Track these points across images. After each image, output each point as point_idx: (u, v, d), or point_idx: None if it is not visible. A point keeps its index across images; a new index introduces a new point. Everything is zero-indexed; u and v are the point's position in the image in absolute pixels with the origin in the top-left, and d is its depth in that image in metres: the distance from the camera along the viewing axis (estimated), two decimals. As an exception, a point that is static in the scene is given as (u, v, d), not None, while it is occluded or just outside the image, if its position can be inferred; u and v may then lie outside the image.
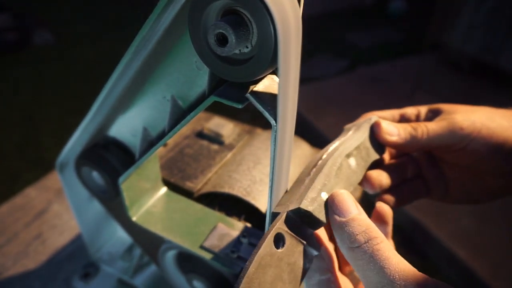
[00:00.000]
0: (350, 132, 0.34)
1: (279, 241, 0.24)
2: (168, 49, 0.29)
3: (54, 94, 2.18)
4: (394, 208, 0.35)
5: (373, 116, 0.36)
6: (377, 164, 0.36)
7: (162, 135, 0.34)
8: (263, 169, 0.45)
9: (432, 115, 0.37)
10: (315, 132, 1.84)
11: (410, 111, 0.38)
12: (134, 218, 0.41)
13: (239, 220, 0.40)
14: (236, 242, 0.37)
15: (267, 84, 0.27)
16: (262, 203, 0.41)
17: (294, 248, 0.25)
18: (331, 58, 2.59)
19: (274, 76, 0.27)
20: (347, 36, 2.90)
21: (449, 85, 2.15)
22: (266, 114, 0.25)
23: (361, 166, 0.33)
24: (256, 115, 0.33)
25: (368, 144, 0.34)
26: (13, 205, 0.66)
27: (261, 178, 0.43)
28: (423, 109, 0.38)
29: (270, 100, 0.25)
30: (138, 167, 0.37)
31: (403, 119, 0.38)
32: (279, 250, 0.24)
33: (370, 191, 0.35)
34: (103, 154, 0.39)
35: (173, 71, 0.30)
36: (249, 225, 0.39)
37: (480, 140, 0.33)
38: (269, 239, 0.24)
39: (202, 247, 0.37)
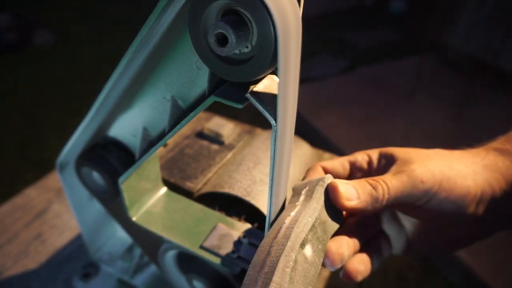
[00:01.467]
0: (300, 201, 0.29)
1: None
2: (168, 49, 0.29)
3: (54, 94, 2.18)
4: (359, 282, 0.33)
5: (326, 175, 0.31)
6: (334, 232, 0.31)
7: (162, 135, 0.34)
8: (263, 169, 0.45)
9: (386, 163, 0.33)
10: (315, 132, 1.84)
11: (361, 157, 0.35)
12: (134, 218, 0.41)
13: (239, 220, 0.40)
14: (236, 242, 0.37)
15: (267, 84, 0.27)
16: (262, 203, 0.41)
17: None
18: (331, 58, 2.59)
19: (274, 76, 0.27)
20: (347, 36, 2.90)
21: (449, 85, 2.15)
22: (266, 114, 0.25)
23: (319, 252, 0.28)
24: (256, 115, 0.32)
25: (324, 216, 0.29)
26: (13, 205, 0.66)
27: (261, 178, 0.43)
28: (373, 155, 0.35)
29: (270, 100, 0.25)
30: (138, 167, 0.37)
31: (354, 168, 0.36)
32: None
33: (331, 269, 0.31)
34: (103, 154, 0.39)
35: (173, 71, 0.30)
36: (249, 225, 0.39)
37: (442, 193, 0.30)
38: None
39: (202, 247, 0.37)
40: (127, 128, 0.37)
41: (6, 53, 2.50)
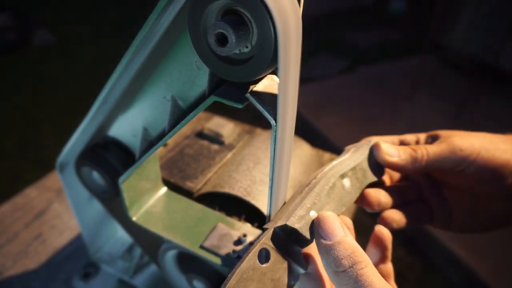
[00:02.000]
0: (349, 153, 0.34)
1: (263, 256, 0.24)
2: (168, 49, 0.29)
3: (54, 94, 2.18)
4: (395, 230, 0.35)
5: (373, 138, 0.36)
6: (375, 186, 0.36)
7: (162, 135, 0.34)
8: (263, 169, 0.45)
9: (432, 140, 0.36)
10: (315, 132, 1.84)
11: (410, 137, 0.38)
12: (134, 218, 0.41)
13: (239, 220, 0.40)
14: (236, 242, 0.37)
15: (267, 84, 0.27)
16: (262, 203, 0.41)
17: (279, 265, 0.25)
18: (331, 58, 2.59)
19: (274, 76, 0.27)
20: (347, 36, 2.90)
21: (449, 85, 2.15)
22: (266, 114, 0.25)
23: (356, 187, 0.32)
24: (256, 115, 0.33)
25: (365, 165, 0.34)
26: (13, 205, 0.66)
27: (261, 178, 0.43)
28: (422, 136, 0.38)
29: (270, 100, 0.25)
30: (138, 167, 0.37)
31: (402, 145, 0.38)
32: (263, 265, 0.24)
33: (368, 209, 0.35)
34: (103, 154, 0.39)
35: (173, 71, 0.30)
36: (249, 225, 0.39)
37: (480, 162, 0.33)
38: (253, 254, 0.24)
39: (202, 247, 0.37)
40: (127, 128, 0.37)
41: (5, 53, 2.50)
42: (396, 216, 0.36)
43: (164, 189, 0.44)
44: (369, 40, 2.83)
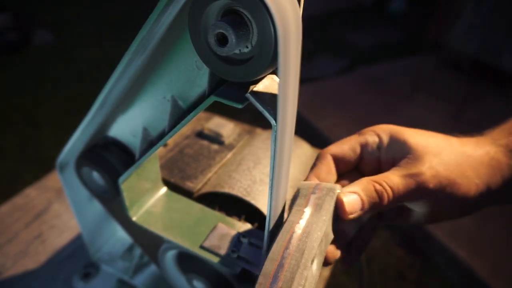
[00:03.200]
0: (309, 208, 0.30)
1: None
2: (168, 49, 0.29)
3: (54, 94, 2.18)
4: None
5: (336, 186, 0.31)
6: None
7: (162, 135, 0.34)
8: (263, 169, 0.45)
9: (397, 150, 0.33)
10: (315, 132, 1.84)
11: (371, 139, 0.35)
12: (134, 218, 0.41)
13: (239, 220, 0.40)
14: (236, 242, 0.37)
15: (267, 84, 0.27)
16: (262, 203, 0.41)
17: None
18: (331, 58, 2.59)
19: (274, 76, 0.27)
20: (347, 36, 2.90)
21: (449, 85, 2.15)
22: (266, 114, 0.25)
23: (320, 263, 0.29)
24: (256, 115, 0.32)
25: (329, 228, 0.30)
26: (13, 205, 0.66)
27: (261, 178, 0.43)
28: (384, 136, 0.35)
29: (270, 100, 0.25)
30: (138, 167, 0.37)
31: (365, 151, 0.36)
32: None
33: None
34: (103, 154, 0.39)
35: (173, 71, 0.30)
36: (249, 225, 0.39)
37: (444, 198, 0.31)
38: None
39: (202, 247, 0.37)
40: (127, 128, 0.37)
41: (6, 53, 2.50)
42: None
43: (164, 189, 0.44)
44: (369, 40, 2.83)
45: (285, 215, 0.31)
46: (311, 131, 1.86)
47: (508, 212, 1.36)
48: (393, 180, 0.31)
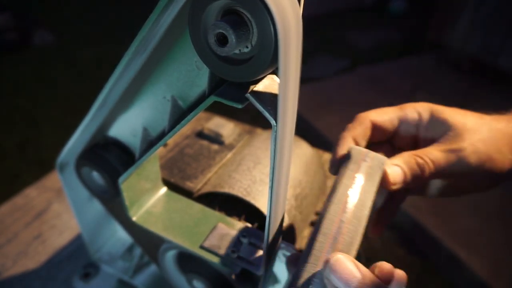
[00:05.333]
0: (361, 175, 0.31)
1: None
2: (168, 49, 0.29)
3: (54, 94, 2.18)
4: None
5: (385, 160, 0.33)
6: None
7: (162, 135, 0.34)
8: (263, 169, 0.45)
9: (438, 128, 0.35)
10: (315, 132, 1.84)
11: (411, 115, 0.36)
12: (134, 218, 0.41)
13: (239, 220, 0.40)
14: (236, 242, 0.37)
15: (267, 84, 0.27)
16: (262, 203, 0.41)
17: None
18: (331, 58, 2.59)
19: (274, 76, 0.27)
20: (347, 36, 2.90)
21: (449, 85, 2.15)
22: (266, 114, 0.25)
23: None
24: (256, 115, 0.32)
25: (375, 197, 0.32)
26: (13, 205, 0.66)
27: (261, 178, 0.43)
28: (424, 114, 0.36)
29: (270, 100, 0.25)
30: (138, 167, 0.37)
31: (403, 125, 0.37)
32: None
33: None
34: (103, 154, 0.39)
35: (173, 71, 0.30)
36: (249, 225, 0.39)
37: (480, 172, 0.33)
38: None
39: (202, 247, 0.37)
40: (127, 128, 0.37)
41: (6, 53, 2.50)
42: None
43: (164, 189, 0.44)
44: (369, 40, 2.82)
45: (336, 175, 0.32)
46: (311, 131, 1.86)
47: (508, 212, 1.36)
48: (434, 154, 0.33)
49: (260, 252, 0.36)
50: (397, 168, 0.32)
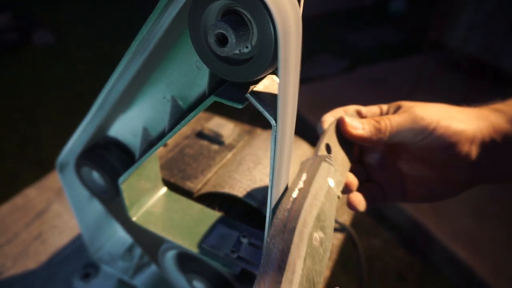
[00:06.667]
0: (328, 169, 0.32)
1: None
2: (168, 49, 0.29)
3: (54, 94, 2.18)
4: (359, 212, 0.37)
5: (327, 116, 0.38)
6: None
7: (162, 135, 0.34)
8: (263, 169, 0.45)
9: (394, 111, 0.38)
10: (315, 132, 1.84)
11: (374, 108, 0.40)
12: (134, 218, 0.41)
13: (239, 220, 0.40)
14: (236, 242, 0.37)
15: (267, 84, 0.27)
16: (262, 203, 0.41)
17: None
18: (331, 58, 2.59)
19: (274, 76, 0.27)
20: (347, 36, 2.90)
21: (449, 85, 2.15)
22: (266, 114, 0.25)
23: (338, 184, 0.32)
24: (256, 115, 0.32)
25: (345, 157, 0.35)
26: (13, 205, 0.66)
27: (261, 178, 0.43)
28: (384, 107, 0.39)
29: (270, 100, 0.25)
30: (138, 167, 0.37)
31: (366, 117, 0.39)
32: None
33: None
34: (103, 154, 0.39)
35: (173, 71, 0.30)
36: (249, 225, 0.39)
37: (438, 131, 0.34)
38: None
39: (202, 247, 0.37)
40: (127, 128, 0.37)
41: (6, 53, 2.50)
42: (358, 198, 0.37)
43: (164, 189, 0.44)
44: (369, 40, 2.83)
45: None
46: (311, 131, 1.86)
47: (508, 212, 1.36)
48: (388, 115, 0.36)
49: (260, 252, 0.36)
50: (355, 119, 0.36)
